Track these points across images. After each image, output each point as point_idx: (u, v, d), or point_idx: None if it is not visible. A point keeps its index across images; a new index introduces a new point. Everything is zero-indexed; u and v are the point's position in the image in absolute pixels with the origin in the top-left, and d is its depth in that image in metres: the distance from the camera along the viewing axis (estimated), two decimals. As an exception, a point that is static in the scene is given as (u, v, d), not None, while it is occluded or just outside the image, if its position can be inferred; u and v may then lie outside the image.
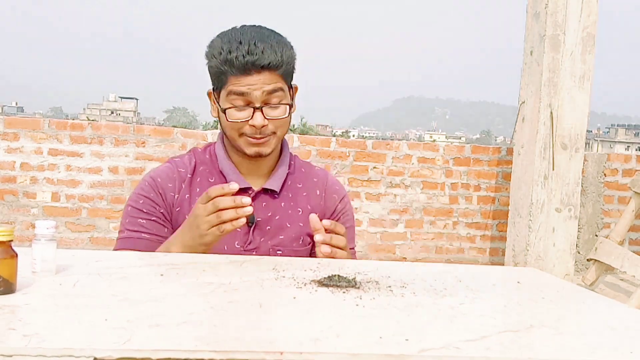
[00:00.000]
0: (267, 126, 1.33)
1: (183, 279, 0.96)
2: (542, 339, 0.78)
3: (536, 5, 4.16)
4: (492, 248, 5.06)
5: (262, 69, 1.29)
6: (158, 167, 1.46)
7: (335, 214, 1.49)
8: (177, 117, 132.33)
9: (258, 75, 1.30)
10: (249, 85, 1.30)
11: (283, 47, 1.33)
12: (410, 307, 0.88)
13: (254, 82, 1.30)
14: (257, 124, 1.31)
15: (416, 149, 4.94)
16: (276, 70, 1.31)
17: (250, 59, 1.28)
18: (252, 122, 1.32)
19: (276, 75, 1.32)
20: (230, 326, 0.74)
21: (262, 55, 1.29)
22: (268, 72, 1.30)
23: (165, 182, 1.39)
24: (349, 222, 1.51)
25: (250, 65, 1.29)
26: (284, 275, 1.02)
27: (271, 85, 1.31)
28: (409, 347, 0.70)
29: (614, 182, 5.10)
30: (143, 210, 1.36)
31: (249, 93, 1.30)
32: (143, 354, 0.63)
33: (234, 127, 1.34)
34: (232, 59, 1.28)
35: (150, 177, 1.41)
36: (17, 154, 4.38)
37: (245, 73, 1.29)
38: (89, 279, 0.92)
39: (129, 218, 1.37)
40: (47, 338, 0.65)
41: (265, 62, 1.29)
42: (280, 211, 1.42)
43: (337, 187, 1.53)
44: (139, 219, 1.35)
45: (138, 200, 1.37)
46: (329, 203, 1.49)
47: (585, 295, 1.09)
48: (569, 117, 4.09)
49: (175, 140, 4.56)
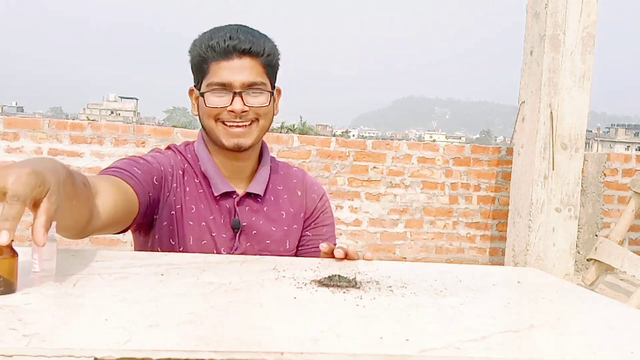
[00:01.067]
0: (248, 112, 1.30)
1: (183, 278, 0.96)
2: (543, 339, 0.78)
3: (536, 5, 4.16)
4: (492, 248, 5.06)
5: (243, 53, 1.29)
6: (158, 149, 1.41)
7: (315, 212, 1.49)
8: (177, 117, 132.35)
9: (239, 60, 1.29)
10: (229, 69, 1.29)
11: (265, 38, 1.34)
12: (411, 307, 0.88)
13: (235, 66, 1.29)
14: (237, 109, 1.29)
15: (416, 149, 4.94)
16: (257, 57, 1.31)
17: (230, 43, 1.28)
18: (230, 107, 1.29)
19: (257, 63, 1.31)
20: (230, 326, 0.74)
21: (242, 39, 1.29)
22: (249, 58, 1.30)
23: (166, 165, 1.34)
24: (328, 220, 1.51)
25: (232, 49, 1.28)
26: (284, 275, 1.02)
27: (252, 72, 1.30)
28: (409, 348, 0.70)
29: (614, 182, 5.10)
30: (144, 168, 1.28)
31: (229, 78, 1.29)
32: (143, 354, 0.63)
33: (211, 114, 1.31)
34: (213, 44, 1.28)
35: (157, 152, 1.38)
36: (17, 154, 4.38)
37: (226, 57, 1.29)
38: (89, 279, 0.92)
39: (124, 163, 1.27)
40: (48, 338, 0.65)
41: (247, 47, 1.29)
42: (264, 215, 1.40)
43: (315, 187, 1.53)
44: (135, 167, 1.26)
45: (139, 160, 1.30)
46: (309, 203, 1.49)
47: (585, 295, 1.08)
48: (569, 117, 4.09)
49: (175, 140, 4.56)
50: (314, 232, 1.48)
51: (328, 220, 1.51)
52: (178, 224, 1.33)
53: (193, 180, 1.37)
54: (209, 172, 1.37)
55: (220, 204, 1.36)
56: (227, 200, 1.37)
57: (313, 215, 1.49)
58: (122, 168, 1.24)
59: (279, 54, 1.37)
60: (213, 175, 1.37)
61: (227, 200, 1.37)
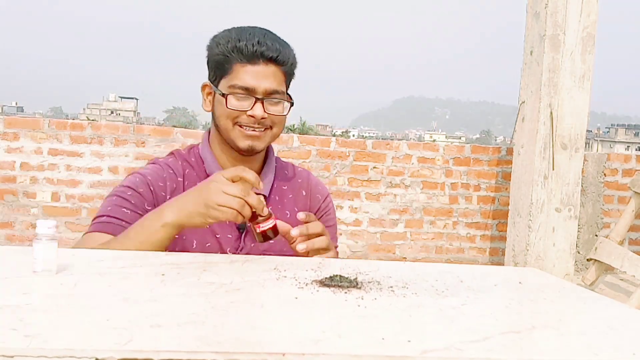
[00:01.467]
0: (266, 119, 1.33)
1: (184, 278, 0.96)
2: (544, 340, 0.78)
3: (536, 5, 4.16)
4: (492, 248, 5.06)
5: (270, 60, 1.30)
6: (145, 166, 1.42)
7: (318, 212, 1.50)
8: (177, 117, 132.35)
9: (265, 66, 1.31)
10: (254, 74, 1.30)
11: (289, 47, 1.36)
12: (412, 308, 0.88)
13: (260, 72, 1.30)
14: (257, 115, 1.31)
15: (416, 149, 4.94)
16: (281, 66, 1.32)
17: (259, 49, 1.29)
18: (251, 112, 1.31)
19: (280, 71, 1.33)
20: (231, 326, 0.74)
21: (271, 47, 1.30)
22: (274, 65, 1.31)
23: (157, 180, 1.35)
24: (331, 221, 1.52)
25: (259, 55, 1.29)
26: (285, 276, 1.02)
27: (276, 80, 1.32)
28: (411, 348, 0.70)
29: (613, 182, 5.10)
30: (130, 201, 1.30)
31: (253, 83, 1.30)
32: (144, 354, 0.63)
33: (230, 116, 1.32)
34: (241, 46, 1.29)
35: (140, 173, 1.37)
36: (17, 153, 4.38)
37: (252, 61, 1.30)
38: (89, 279, 0.92)
39: (112, 206, 1.29)
40: (49, 338, 0.65)
41: (274, 54, 1.30)
42: None
43: (320, 187, 1.54)
44: (124, 208, 1.29)
45: (126, 192, 1.32)
46: (313, 203, 1.50)
47: (585, 295, 1.08)
48: (569, 117, 4.09)
49: (175, 140, 4.56)
50: None
51: (331, 221, 1.52)
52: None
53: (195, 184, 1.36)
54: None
55: None
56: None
57: (316, 214, 1.48)
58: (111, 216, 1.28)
59: (297, 62, 1.39)
60: None
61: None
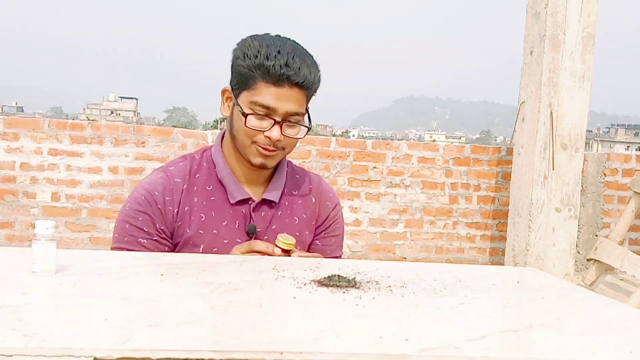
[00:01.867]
0: (281, 142, 1.32)
1: (183, 278, 0.96)
2: (542, 339, 0.78)
3: (536, 5, 4.16)
4: (492, 248, 5.06)
5: (295, 85, 1.28)
6: (151, 177, 1.39)
7: (327, 221, 1.49)
8: (177, 117, 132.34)
9: (289, 89, 1.28)
10: (277, 97, 1.28)
11: (317, 69, 1.33)
12: (410, 307, 0.88)
13: (283, 95, 1.28)
14: (274, 137, 1.29)
15: (416, 149, 4.94)
16: (305, 90, 1.30)
17: (286, 72, 1.26)
18: (268, 133, 1.29)
19: (303, 94, 1.31)
20: (230, 326, 0.74)
21: (298, 72, 1.27)
22: (298, 89, 1.29)
23: (163, 195, 1.33)
24: (338, 230, 1.52)
25: (285, 78, 1.27)
26: (283, 275, 1.02)
27: (297, 104, 1.30)
28: (409, 347, 0.70)
29: (613, 182, 5.10)
30: (143, 229, 1.30)
31: (275, 105, 1.28)
32: (143, 353, 0.63)
33: (248, 134, 1.31)
34: (268, 66, 1.26)
35: (146, 190, 1.34)
36: (17, 154, 4.38)
37: (277, 84, 1.27)
38: (89, 279, 0.92)
39: (128, 236, 1.30)
40: (47, 338, 0.65)
41: (300, 80, 1.28)
42: (277, 220, 1.41)
43: (330, 195, 1.53)
44: (139, 238, 1.30)
45: (136, 217, 1.31)
46: (322, 211, 1.49)
47: (585, 295, 1.09)
48: (569, 117, 4.09)
49: (175, 140, 4.56)
50: (323, 242, 1.48)
51: (338, 230, 1.51)
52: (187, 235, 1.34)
53: (205, 188, 1.38)
54: (225, 180, 1.38)
55: (236, 209, 1.37)
56: (242, 206, 1.38)
57: (324, 224, 1.49)
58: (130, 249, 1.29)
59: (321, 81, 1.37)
60: (229, 182, 1.38)
61: (243, 206, 1.38)
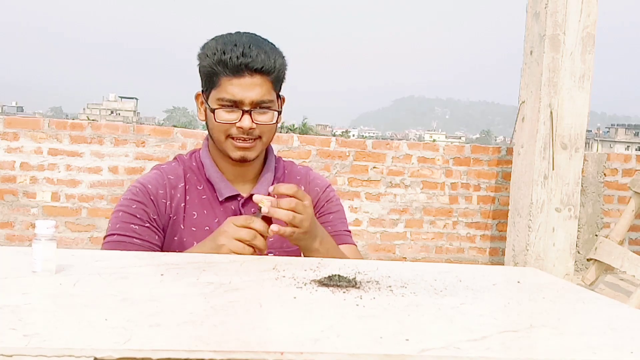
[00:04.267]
0: (254, 129, 1.34)
1: (183, 278, 0.96)
2: (543, 339, 0.78)
3: (536, 5, 4.16)
4: (492, 248, 5.06)
5: (255, 72, 1.32)
6: (145, 174, 1.45)
7: (319, 202, 1.51)
8: (177, 117, 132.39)
9: (250, 78, 1.32)
10: (240, 87, 1.31)
11: (276, 54, 1.36)
12: (411, 307, 0.88)
13: (246, 84, 1.32)
14: (245, 126, 1.33)
15: (416, 148, 4.94)
16: (268, 75, 1.33)
17: (243, 61, 1.30)
18: (239, 124, 1.33)
19: (267, 80, 1.34)
20: (230, 326, 0.74)
21: (255, 58, 1.31)
22: (260, 76, 1.32)
23: (156, 188, 1.38)
24: (335, 208, 1.53)
25: (244, 67, 1.30)
26: (284, 275, 1.02)
27: (262, 90, 1.33)
28: (409, 347, 0.70)
29: (613, 182, 5.10)
30: (136, 216, 1.34)
31: (240, 95, 1.32)
32: (143, 353, 0.63)
33: (221, 129, 1.35)
34: (226, 59, 1.30)
35: (140, 183, 1.39)
36: (17, 153, 4.38)
37: (237, 75, 1.31)
38: (89, 279, 0.92)
39: (120, 223, 1.33)
40: (48, 338, 0.65)
41: (259, 66, 1.31)
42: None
43: (318, 181, 1.55)
44: (131, 224, 1.33)
45: (130, 205, 1.35)
46: (312, 195, 1.49)
47: (585, 295, 1.08)
48: (569, 117, 4.09)
49: (175, 140, 4.56)
50: (322, 219, 1.49)
51: (334, 208, 1.53)
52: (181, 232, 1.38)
53: (196, 187, 1.42)
54: (213, 178, 1.42)
55: (226, 206, 1.41)
56: (232, 203, 1.41)
57: (317, 205, 1.50)
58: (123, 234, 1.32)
59: (286, 67, 1.40)
60: (217, 181, 1.41)
61: (232, 203, 1.41)
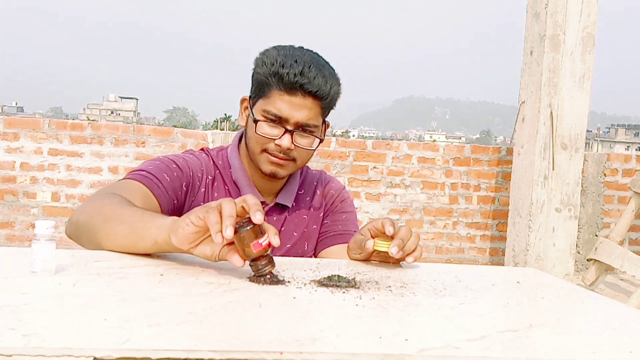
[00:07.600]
0: (292, 151, 1.32)
1: (182, 278, 0.96)
2: (542, 339, 0.78)
3: (536, 5, 4.16)
4: (492, 248, 5.06)
5: (308, 94, 1.28)
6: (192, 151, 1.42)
7: (334, 203, 1.51)
8: (177, 117, 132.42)
9: (302, 98, 1.28)
10: (289, 105, 1.28)
11: (334, 80, 1.32)
12: (410, 307, 0.88)
13: (296, 104, 1.28)
14: (284, 145, 1.30)
15: (416, 149, 4.94)
16: (320, 100, 1.30)
17: (300, 80, 1.26)
18: (279, 141, 1.30)
19: (318, 105, 1.31)
20: (229, 326, 0.74)
21: (312, 80, 1.27)
22: (312, 99, 1.29)
23: (196, 169, 1.37)
24: (348, 208, 1.53)
25: (298, 86, 1.27)
26: (283, 275, 1.02)
27: (310, 114, 1.30)
28: (408, 347, 0.70)
29: (614, 182, 5.10)
30: (172, 172, 1.31)
31: (286, 113, 1.29)
32: (142, 353, 0.63)
33: (259, 141, 1.32)
34: (282, 73, 1.27)
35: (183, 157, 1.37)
36: (17, 154, 4.38)
37: (290, 92, 1.28)
38: (88, 279, 0.92)
39: (155, 167, 1.30)
40: (47, 338, 0.65)
41: (314, 89, 1.28)
42: (288, 221, 1.44)
43: (333, 184, 1.56)
44: (165, 173, 1.29)
45: (170, 164, 1.32)
46: (327, 198, 1.52)
47: (585, 295, 1.08)
48: (569, 117, 4.09)
49: (175, 140, 4.56)
50: (333, 217, 1.50)
51: (348, 208, 1.53)
52: None
53: (222, 187, 1.40)
54: (240, 182, 1.39)
55: None
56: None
57: (332, 206, 1.51)
58: (151, 173, 1.27)
59: (340, 95, 1.37)
60: (244, 185, 1.39)
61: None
